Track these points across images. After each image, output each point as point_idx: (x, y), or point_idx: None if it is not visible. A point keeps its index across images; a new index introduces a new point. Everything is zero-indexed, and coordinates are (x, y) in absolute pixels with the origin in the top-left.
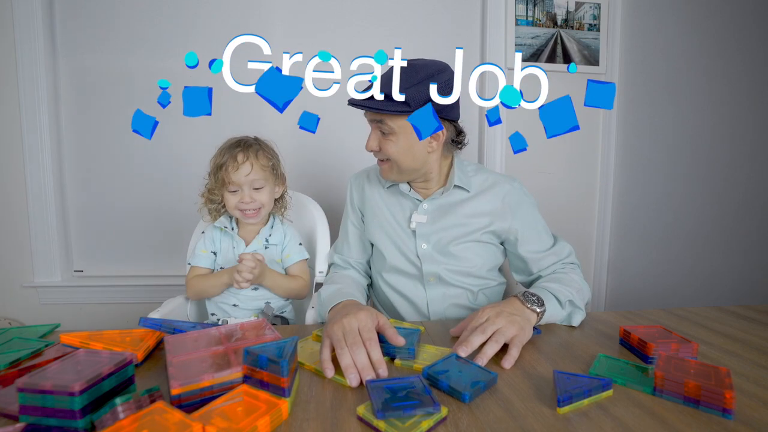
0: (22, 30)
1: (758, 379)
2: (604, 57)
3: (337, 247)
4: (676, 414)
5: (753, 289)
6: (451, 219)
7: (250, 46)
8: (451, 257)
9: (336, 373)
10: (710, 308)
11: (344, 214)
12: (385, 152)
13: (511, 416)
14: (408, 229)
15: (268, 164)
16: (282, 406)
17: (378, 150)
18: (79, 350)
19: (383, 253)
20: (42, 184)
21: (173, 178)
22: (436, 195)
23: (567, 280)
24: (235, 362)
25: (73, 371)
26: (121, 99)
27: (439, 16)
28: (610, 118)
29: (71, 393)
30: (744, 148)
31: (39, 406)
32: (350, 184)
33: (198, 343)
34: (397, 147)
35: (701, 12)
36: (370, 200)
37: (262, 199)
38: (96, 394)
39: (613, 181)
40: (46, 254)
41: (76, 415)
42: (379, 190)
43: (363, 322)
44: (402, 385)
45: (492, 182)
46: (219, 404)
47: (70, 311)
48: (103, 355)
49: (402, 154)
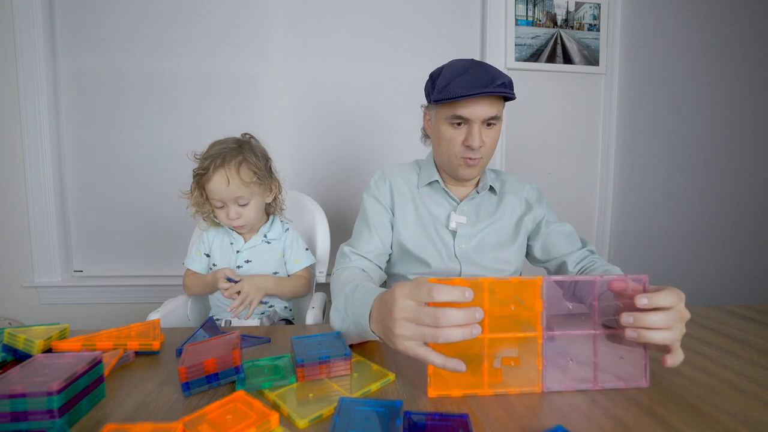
0: (22, 30)
1: (758, 379)
2: (604, 57)
3: (352, 242)
4: (676, 414)
5: (753, 289)
6: (488, 221)
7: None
8: (490, 259)
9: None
10: (710, 308)
11: (361, 216)
12: (488, 144)
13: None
14: (446, 229)
15: (251, 179)
16: (272, 417)
17: (482, 145)
18: (36, 356)
19: (415, 253)
20: (42, 184)
21: (173, 178)
22: (473, 195)
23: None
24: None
25: (40, 374)
26: (121, 99)
27: (439, 16)
28: (610, 118)
29: (49, 393)
30: (744, 148)
31: (8, 411)
32: (376, 183)
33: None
34: (495, 137)
35: (701, 12)
36: (401, 200)
37: (248, 215)
38: (72, 393)
39: (613, 181)
40: (46, 254)
41: (55, 414)
42: (411, 190)
43: (409, 291)
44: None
45: (513, 183)
46: (211, 410)
47: (70, 311)
48: (66, 356)
49: (495, 144)
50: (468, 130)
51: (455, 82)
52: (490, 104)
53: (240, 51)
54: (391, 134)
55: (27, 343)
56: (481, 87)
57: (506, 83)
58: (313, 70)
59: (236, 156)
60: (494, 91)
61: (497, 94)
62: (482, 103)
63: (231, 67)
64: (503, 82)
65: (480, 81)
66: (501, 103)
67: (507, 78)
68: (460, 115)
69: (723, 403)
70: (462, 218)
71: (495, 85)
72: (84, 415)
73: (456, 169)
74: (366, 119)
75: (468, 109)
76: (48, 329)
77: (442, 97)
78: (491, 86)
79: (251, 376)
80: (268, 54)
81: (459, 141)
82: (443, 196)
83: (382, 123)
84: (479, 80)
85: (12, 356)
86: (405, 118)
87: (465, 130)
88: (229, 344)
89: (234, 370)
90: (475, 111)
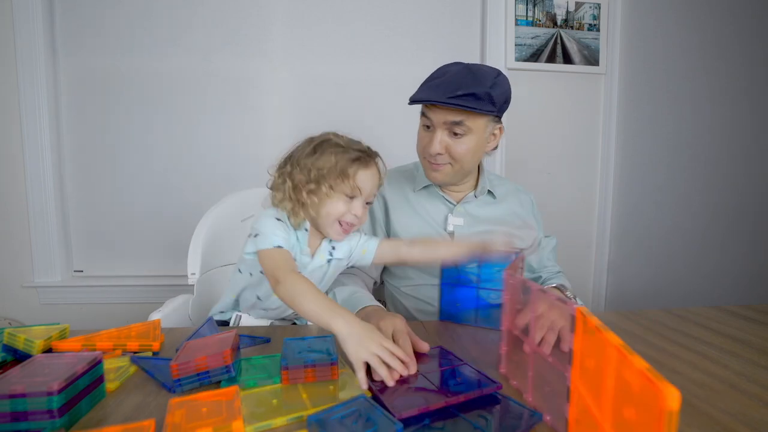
0: (22, 30)
1: (758, 379)
2: (604, 57)
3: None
4: None
5: (753, 289)
6: (486, 225)
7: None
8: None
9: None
10: (710, 308)
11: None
12: (453, 153)
13: None
14: (443, 231)
15: (383, 181)
16: (234, 424)
17: (443, 152)
18: (36, 356)
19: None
20: (42, 183)
21: (173, 178)
22: (470, 198)
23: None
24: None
25: (40, 374)
26: (121, 99)
27: (439, 16)
28: (610, 118)
29: (49, 392)
30: (744, 148)
31: (7, 412)
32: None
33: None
34: (467, 147)
35: (701, 12)
36: (397, 203)
37: (366, 218)
38: (72, 393)
39: (613, 181)
40: (46, 254)
41: (55, 414)
42: (405, 193)
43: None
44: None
45: (512, 189)
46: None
47: (70, 311)
48: (66, 356)
49: (470, 154)
50: (432, 135)
51: (425, 84)
52: (451, 110)
53: (240, 51)
54: (391, 134)
55: (27, 343)
56: (437, 95)
57: (478, 95)
58: (313, 70)
59: (377, 153)
60: (446, 102)
61: (448, 106)
62: (441, 107)
63: (231, 67)
64: (472, 93)
65: (444, 88)
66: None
67: (483, 89)
68: (426, 116)
69: (723, 403)
70: (459, 220)
71: (453, 95)
72: (84, 415)
73: (425, 169)
74: (366, 119)
75: (430, 112)
76: (48, 329)
77: (410, 97)
78: (445, 96)
79: (243, 374)
80: (268, 54)
81: (424, 144)
82: (439, 199)
83: (382, 123)
84: (444, 87)
85: (12, 356)
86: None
87: (431, 134)
88: (224, 343)
89: (225, 368)
90: (436, 116)
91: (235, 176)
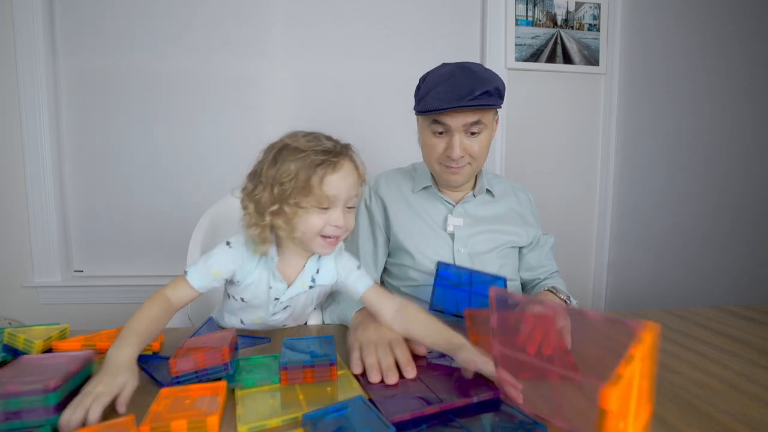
0: (22, 30)
1: (758, 379)
2: (604, 57)
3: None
4: (676, 414)
5: (753, 289)
6: (486, 224)
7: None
8: (488, 262)
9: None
10: (710, 308)
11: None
12: (472, 152)
13: None
14: (443, 232)
15: (362, 176)
16: (209, 420)
17: (464, 154)
18: (23, 356)
19: (415, 257)
20: (42, 184)
21: (173, 178)
22: (469, 198)
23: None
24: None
25: (32, 373)
26: (121, 99)
27: (439, 16)
28: (610, 118)
29: (46, 390)
30: (744, 148)
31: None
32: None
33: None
34: (483, 143)
35: (701, 12)
36: (396, 205)
37: (353, 223)
38: (67, 390)
39: (613, 181)
40: (46, 254)
41: (51, 411)
42: (405, 194)
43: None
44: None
45: (510, 187)
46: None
47: (70, 311)
48: (56, 356)
49: (485, 149)
50: (449, 140)
51: (433, 92)
52: (471, 111)
53: (240, 51)
54: (391, 134)
55: (27, 343)
56: (457, 99)
57: (490, 91)
58: (313, 70)
59: (348, 146)
60: (469, 105)
61: (472, 108)
62: (461, 111)
63: (231, 67)
64: (486, 91)
65: (458, 92)
66: (487, 110)
67: (492, 85)
68: (440, 122)
69: (723, 403)
70: (458, 220)
71: (472, 97)
72: None
73: (440, 176)
74: (366, 119)
75: (446, 118)
76: (48, 329)
77: (421, 108)
78: (466, 99)
79: (243, 373)
80: (268, 54)
81: (440, 150)
82: (438, 200)
83: (382, 123)
84: (457, 91)
85: (12, 356)
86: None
87: (446, 139)
88: (222, 341)
89: (222, 366)
90: (454, 120)
91: (235, 176)
